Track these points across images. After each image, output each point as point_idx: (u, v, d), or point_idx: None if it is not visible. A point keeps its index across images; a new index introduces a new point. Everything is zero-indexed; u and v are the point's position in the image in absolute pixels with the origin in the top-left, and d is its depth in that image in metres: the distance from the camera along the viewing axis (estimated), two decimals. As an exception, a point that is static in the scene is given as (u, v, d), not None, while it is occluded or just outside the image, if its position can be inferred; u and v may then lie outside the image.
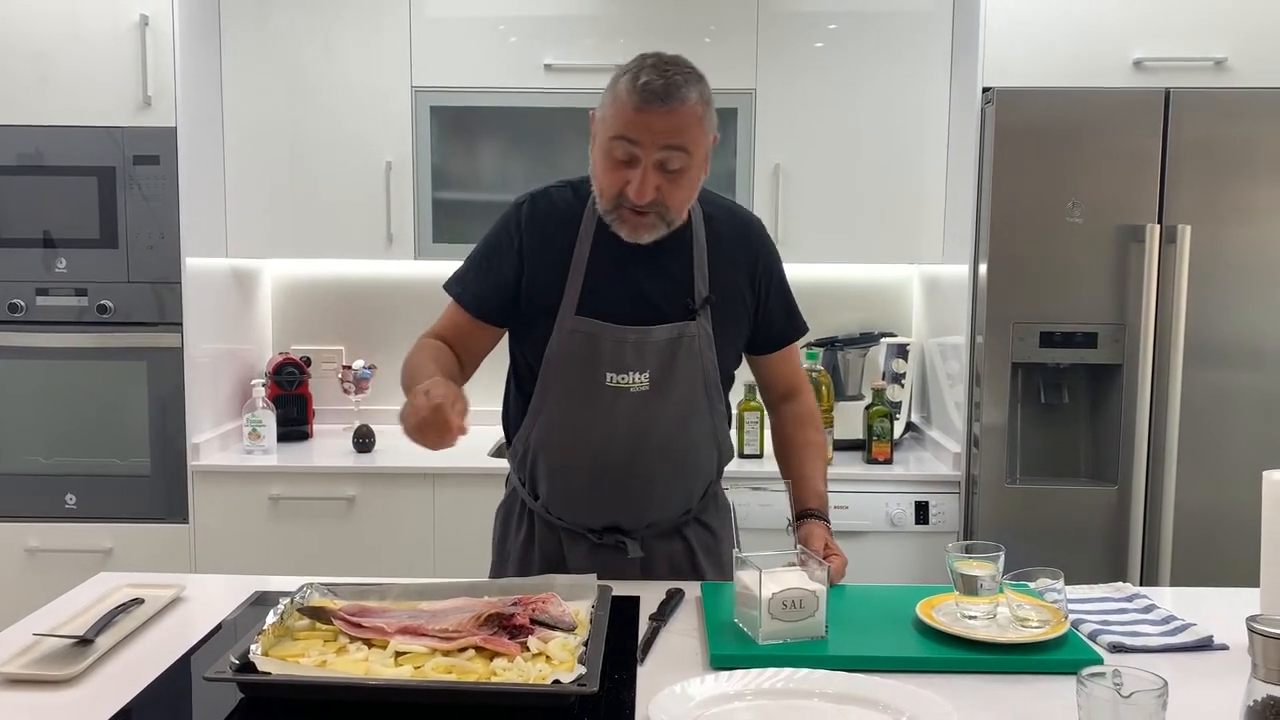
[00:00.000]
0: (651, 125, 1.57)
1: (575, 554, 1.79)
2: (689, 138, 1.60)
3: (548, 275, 1.72)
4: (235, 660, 1.26)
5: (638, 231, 1.65)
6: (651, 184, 1.60)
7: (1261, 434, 2.67)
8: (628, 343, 1.69)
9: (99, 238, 2.86)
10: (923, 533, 2.84)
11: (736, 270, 1.78)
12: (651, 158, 1.59)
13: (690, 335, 1.72)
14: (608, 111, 1.62)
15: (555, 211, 1.76)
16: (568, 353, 1.71)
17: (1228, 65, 2.72)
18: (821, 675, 1.28)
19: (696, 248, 1.74)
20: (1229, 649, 1.45)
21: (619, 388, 1.70)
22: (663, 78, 1.57)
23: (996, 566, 1.47)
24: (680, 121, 1.58)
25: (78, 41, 2.81)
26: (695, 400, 1.75)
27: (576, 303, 1.70)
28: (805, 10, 3.05)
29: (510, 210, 1.79)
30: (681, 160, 1.60)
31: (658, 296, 1.72)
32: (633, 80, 1.58)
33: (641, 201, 1.61)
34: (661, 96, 1.56)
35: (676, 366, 1.72)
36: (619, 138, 1.60)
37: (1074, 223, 2.66)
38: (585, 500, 1.77)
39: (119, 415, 2.90)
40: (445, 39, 3.07)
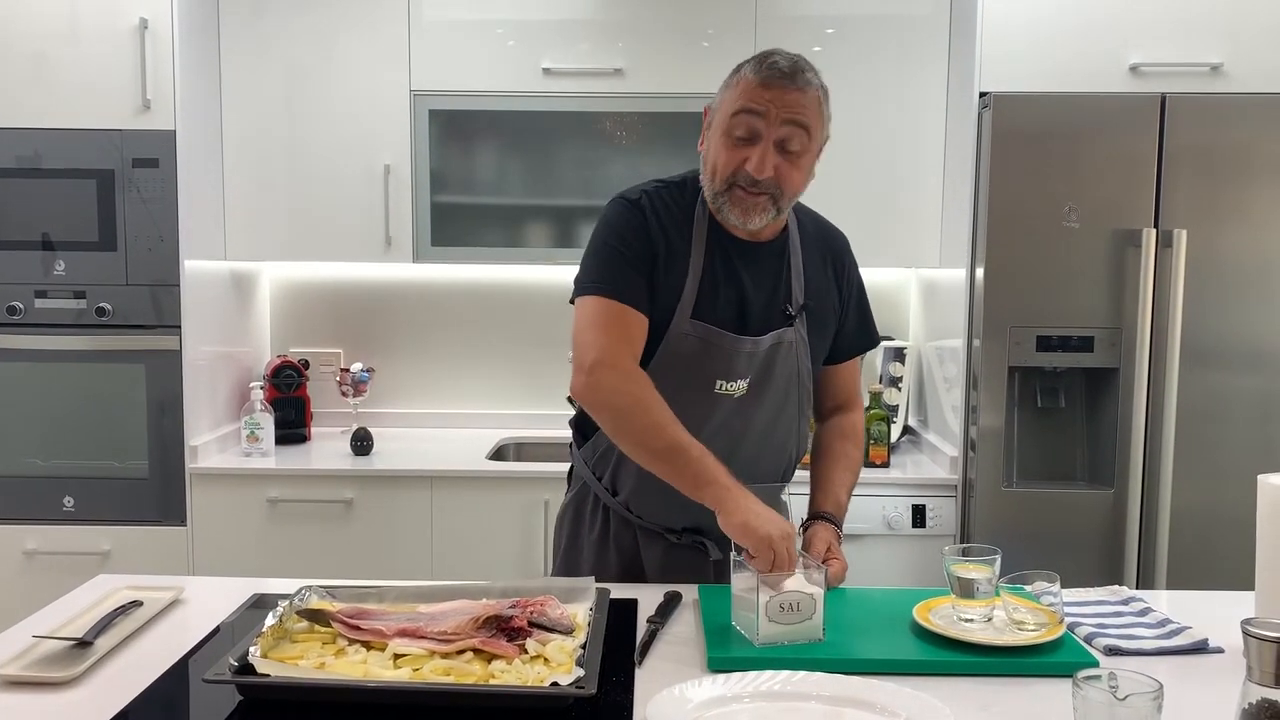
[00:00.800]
0: (776, 99, 1.60)
1: (651, 553, 1.78)
2: (811, 117, 1.63)
3: (672, 273, 1.70)
4: (234, 662, 1.26)
5: (749, 214, 1.66)
6: (771, 160, 1.62)
7: (1257, 437, 2.68)
8: (742, 352, 1.70)
9: (98, 240, 2.86)
10: (919, 536, 2.84)
11: (826, 278, 1.81)
12: (774, 133, 1.61)
13: (789, 341, 1.74)
14: (729, 95, 1.65)
15: (674, 209, 1.73)
16: (679, 356, 1.69)
17: (1223, 70, 2.73)
18: (819, 678, 1.29)
19: (793, 253, 1.77)
20: (1224, 652, 1.45)
21: (724, 394, 1.71)
22: (788, 59, 1.62)
23: (993, 570, 1.47)
24: (804, 99, 1.62)
25: (77, 44, 2.81)
26: (787, 404, 1.77)
27: (693, 306, 1.69)
28: (802, 14, 3.06)
29: (629, 208, 1.71)
30: (801, 141, 1.63)
31: (761, 302, 1.73)
32: (759, 62, 1.62)
33: (761, 176, 1.62)
34: (788, 75, 1.61)
35: (774, 372, 1.74)
36: (743, 111, 1.62)
37: (1070, 227, 2.67)
38: (670, 501, 1.70)
39: (117, 418, 2.90)
40: (444, 43, 3.08)
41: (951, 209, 3.01)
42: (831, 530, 1.74)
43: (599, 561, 1.81)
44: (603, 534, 1.82)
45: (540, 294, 3.42)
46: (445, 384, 3.49)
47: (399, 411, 3.47)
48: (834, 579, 1.63)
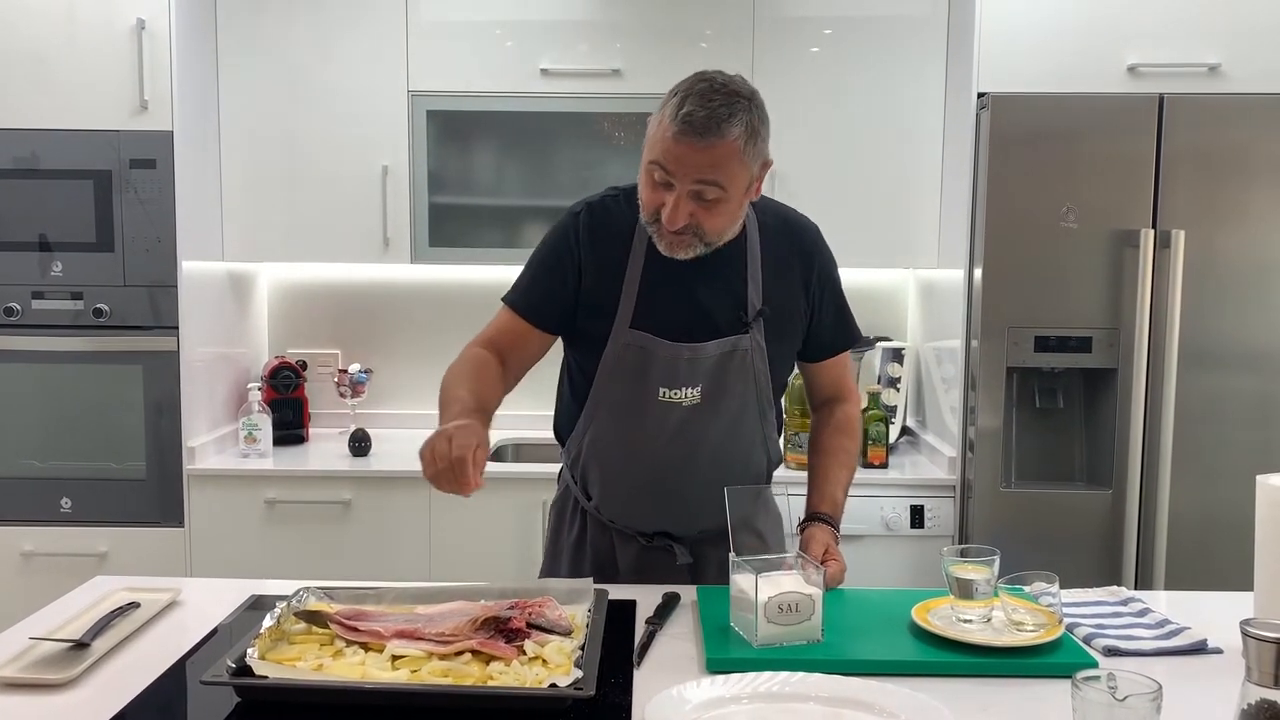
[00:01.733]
0: (685, 158, 1.55)
1: (626, 555, 1.81)
2: (724, 174, 1.57)
3: (604, 286, 1.72)
4: (232, 664, 1.26)
5: (674, 249, 1.64)
6: (684, 211, 1.58)
7: (1255, 438, 2.68)
8: (681, 359, 1.69)
9: (95, 241, 2.85)
10: (918, 536, 2.84)
11: (790, 279, 1.77)
12: (685, 188, 1.57)
13: (743, 349, 1.72)
14: (652, 131, 1.61)
15: (611, 222, 1.74)
16: (621, 366, 1.71)
17: (1221, 71, 2.73)
18: (817, 679, 1.29)
19: (750, 258, 1.73)
20: (1223, 653, 1.45)
21: (670, 402, 1.70)
22: (705, 108, 1.54)
23: (992, 570, 1.47)
24: (715, 157, 1.55)
25: (74, 45, 2.81)
26: (746, 412, 1.75)
27: (631, 316, 1.70)
28: (800, 15, 3.06)
29: (568, 219, 1.77)
30: (715, 193, 1.58)
31: (711, 309, 1.71)
32: (677, 107, 1.55)
33: (672, 228, 1.60)
34: (699, 130, 1.53)
35: (728, 380, 1.72)
36: (655, 163, 1.59)
37: (1069, 227, 2.67)
38: (635, 506, 1.78)
39: (115, 419, 2.90)
40: (441, 43, 3.08)
41: (949, 209, 3.01)
42: (828, 531, 1.74)
43: (575, 562, 1.84)
44: (580, 535, 1.85)
45: (538, 295, 3.41)
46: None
47: (397, 412, 3.47)
48: (832, 580, 1.63)
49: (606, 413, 1.75)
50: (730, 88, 1.58)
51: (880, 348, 3.25)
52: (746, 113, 1.58)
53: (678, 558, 1.78)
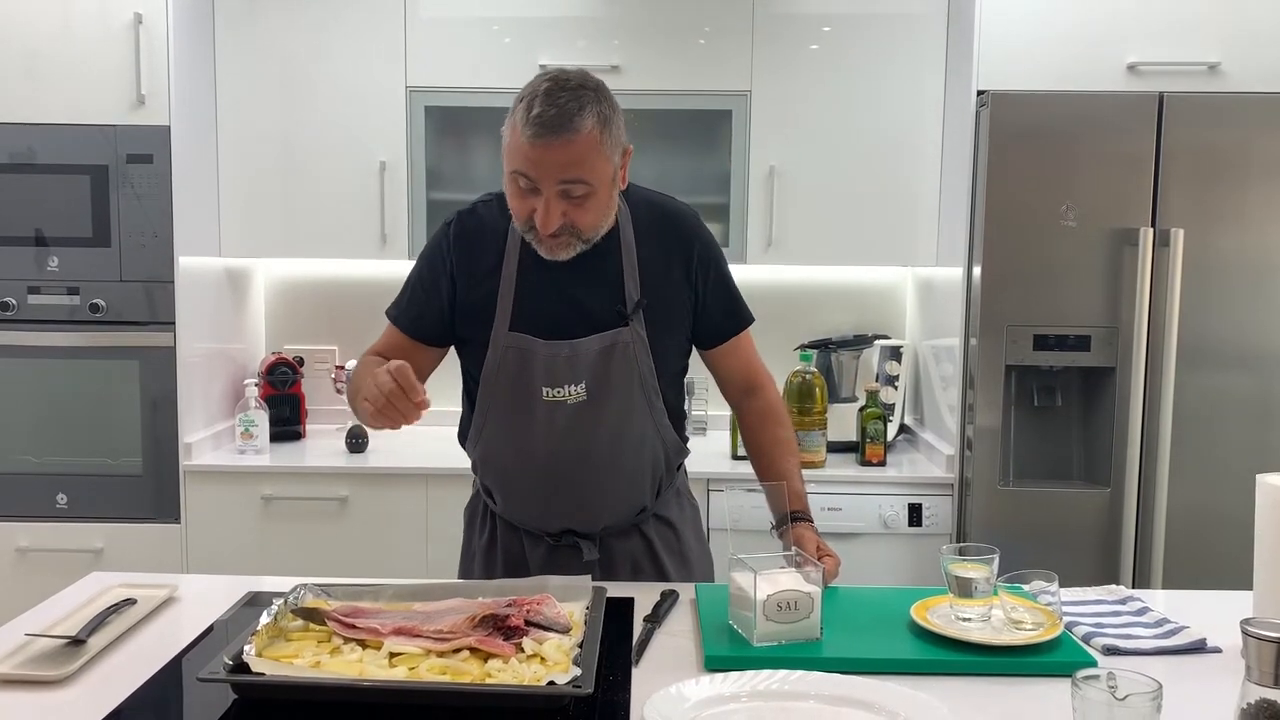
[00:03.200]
0: (545, 160, 1.55)
1: (535, 555, 1.81)
2: (586, 168, 1.57)
3: (479, 293, 1.72)
4: (229, 661, 1.25)
5: (555, 252, 1.64)
6: (556, 212, 1.58)
7: (1254, 437, 2.68)
8: (560, 357, 1.69)
9: (91, 236, 2.85)
10: (916, 535, 2.84)
11: (669, 267, 1.75)
12: (552, 190, 1.57)
13: (624, 342, 1.71)
14: (507, 141, 1.60)
15: (483, 228, 1.75)
16: (503, 369, 1.72)
17: (1221, 70, 2.73)
18: (816, 677, 1.28)
19: (625, 251, 1.72)
20: (1222, 652, 1.45)
21: (555, 401, 1.70)
22: (555, 106, 1.54)
23: (990, 569, 1.47)
24: (575, 153, 1.55)
25: (71, 40, 2.80)
26: (633, 404, 1.73)
27: (509, 319, 1.70)
28: (800, 12, 3.05)
29: (440, 230, 1.79)
30: (583, 189, 1.58)
31: (589, 305, 1.70)
32: (526, 110, 1.55)
33: (548, 232, 1.59)
34: (553, 128, 1.53)
35: (611, 374, 1.71)
36: (516, 172, 1.58)
37: (1068, 226, 2.67)
38: (535, 507, 1.78)
39: (111, 414, 2.89)
40: (440, 39, 3.07)
41: (949, 208, 3.00)
42: (812, 528, 1.72)
43: (487, 564, 1.85)
44: (491, 537, 1.86)
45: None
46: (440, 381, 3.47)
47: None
48: (830, 576, 1.63)
49: (495, 416, 1.75)
50: (575, 82, 1.59)
51: (879, 346, 3.24)
52: (595, 103, 1.58)
53: (584, 554, 1.77)
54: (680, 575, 1.83)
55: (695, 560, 1.89)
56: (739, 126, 3.07)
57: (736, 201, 3.09)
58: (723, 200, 3.09)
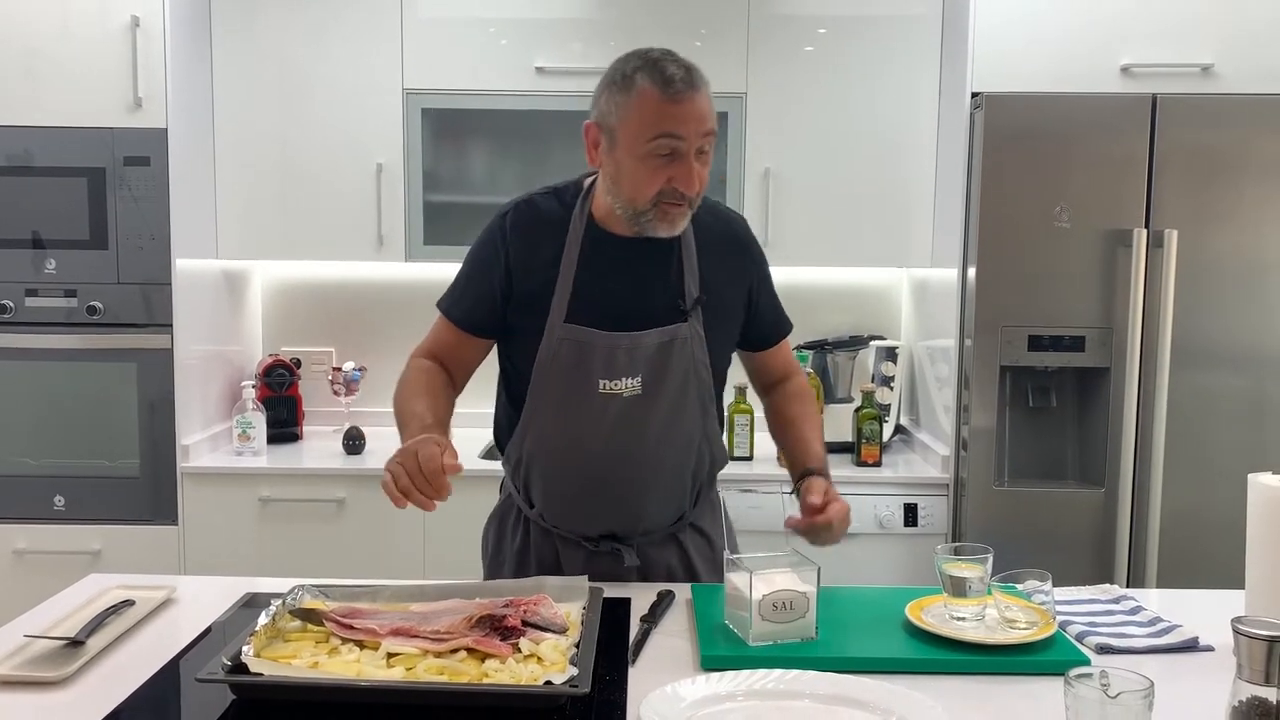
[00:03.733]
0: (689, 115, 1.57)
1: (571, 562, 1.78)
2: (715, 121, 1.62)
3: (535, 284, 1.71)
4: (227, 661, 1.26)
5: (676, 223, 1.65)
6: (696, 172, 1.60)
7: (1247, 437, 2.70)
8: (620, 349, 1.68)
9: (89, 239, 2.85)
10: (911, 535, 2.85)
11: (725, 269, 1.77)
12: (693, 148, 1.59)
13: (682, 337, 1.71)
14: (633, 114, 1.59)
15: (541, 219, 1.74)
16: (558, 361, 1.69)
17: (1214, 71, 2.74)
18: (812, 676, 1.29)
19: (685, 247, 1.73)
20: (1214, 650, 1.46)
21: (610, 394, 1.68)
22: (682, 66, 1.59)
23: (985, 568, 1.48)
24: (709, 106, 1.60)
25: (68, 42, 2.80)
26: (687, 402, 1.73)
27: (566, 310, 1.69)
28: (795, 14, 3.06)
29: (495, 221, 1.78)
30: (711, 143, 1.62)
31: (648, 299, 1.70)
32: (657, 73, 1.57)
33: (693, 192, 1.61)
34: (690, 83, 1.57)
35: (669, 369, 1.70)
36: (663, 135, 1.57)
37: (1062, 227, 2.68)
38: (580, 508, 1.76)
39: (108, 416, 2.89)
40: (437, 41, 3.07)
41: (943, 209, 3.01)
42: (823, 479, 1.73)
43: (520, 571, 1.83)
44: (524, 545, 1.83)
45: (533, 293, 3.41)
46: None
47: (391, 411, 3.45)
48: (840, 519, 1.64)
49: (546, 411, 1.72)
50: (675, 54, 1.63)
51: (874, 346, 3.25)
52: None
53: (625, 560, 1.75)
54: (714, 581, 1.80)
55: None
56: (734, 128, 3.08)
57: (732, 203, 3.09)
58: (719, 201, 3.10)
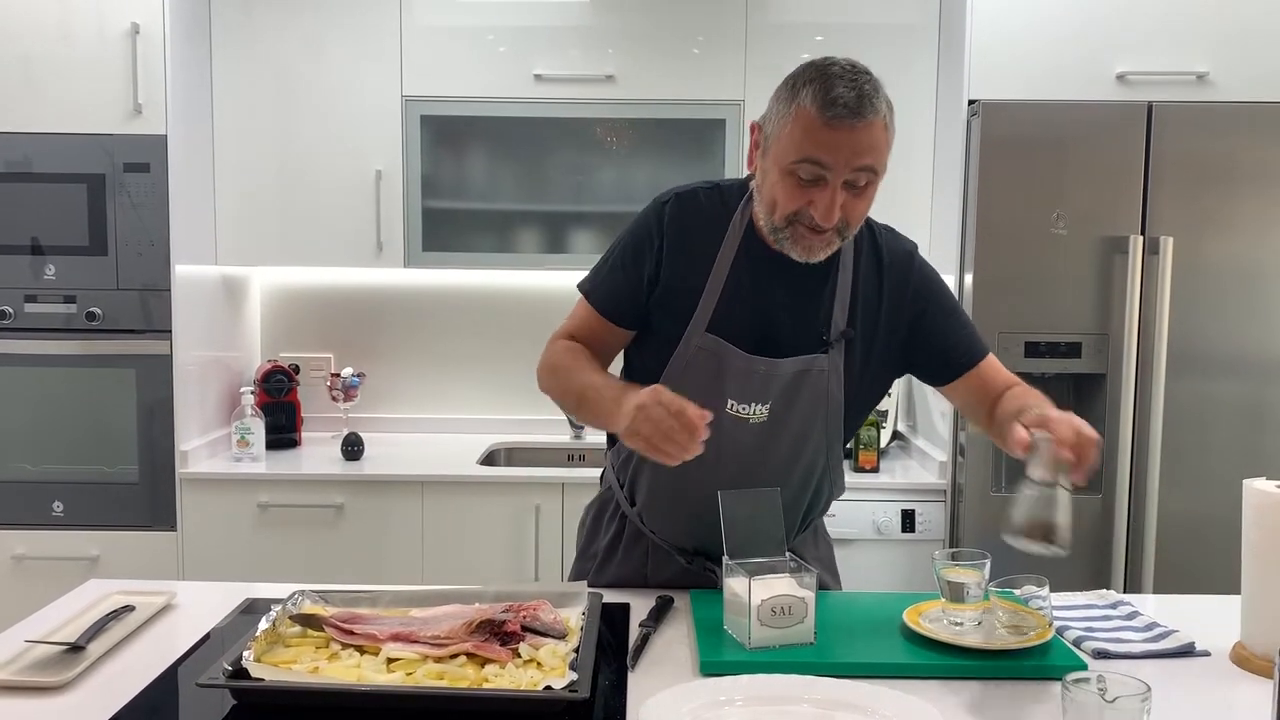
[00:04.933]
0: (842, 145, 1.44)
1: (659, 571, 1.73)
2: (878, 155, 1.48)
3: (685, 283, 1.61)
4: (228, 666, 1.26)
5: (813, 251, 1.54)
6: (838, 204, 1.48)
7: (1243, 443, 2.70)
8: (757, 372, 1.59)
9: (88, 245, 2.85)
10: (909, 540, 2.86)
11: (883, 301, 1.65)
12: (840, 179, 1.47)
13: (819, 369, 1.61)
14: (788, 128, 1.47)
15: (701, 216, 1.63)
16: (692, 370, 1.60)
17: (1209, 79, 2.75)
18: (810, 681, 1.30)
19: (841, 276, 1.63)
20: (1210, 655, 1.47)
21: (738, 417, 1.60)
22: (854, 89, 1.44)
23: (982, 574, 1.48)
24: (872, 138, 1.46)
25: (68, 49, 2.81)
26: (813, 435, 1.64)
27: (709, 319, 1.60)
28: (793, 22, 3.07)
29: (653, 207, 1.66)
30: (869, 178, 1.49)
31: (793, 323, 1.61)
32: (822, 92, 1.44)
33: (829, 224, 1.49)
34: (855, 111, 1.43)
35: (799, 400, 1.61)
36: (807, 159, 1.46)
37: (1058, 234, 2.69)
38: (681, 521, 1.69)
39: (107, 422, 2.90)
40: (436, 49, 3.08)
41: (940, 215, 3.03)
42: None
43: (606, 565, 1.77)
44: (613, 542, 1.77)
45: (531, 299, 3.42)
46: (436, 389, 3.49)
47: (390, 416, 3.47)
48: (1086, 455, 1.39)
49: None
50: (861, 66, 1.49)
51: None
52: (882, 89, 1.49)
53: (717, 580, 1.64)
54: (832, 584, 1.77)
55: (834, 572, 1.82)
56: (732, 135, 3.09)
57: (730, 210, 3.10)
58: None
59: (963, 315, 1.72)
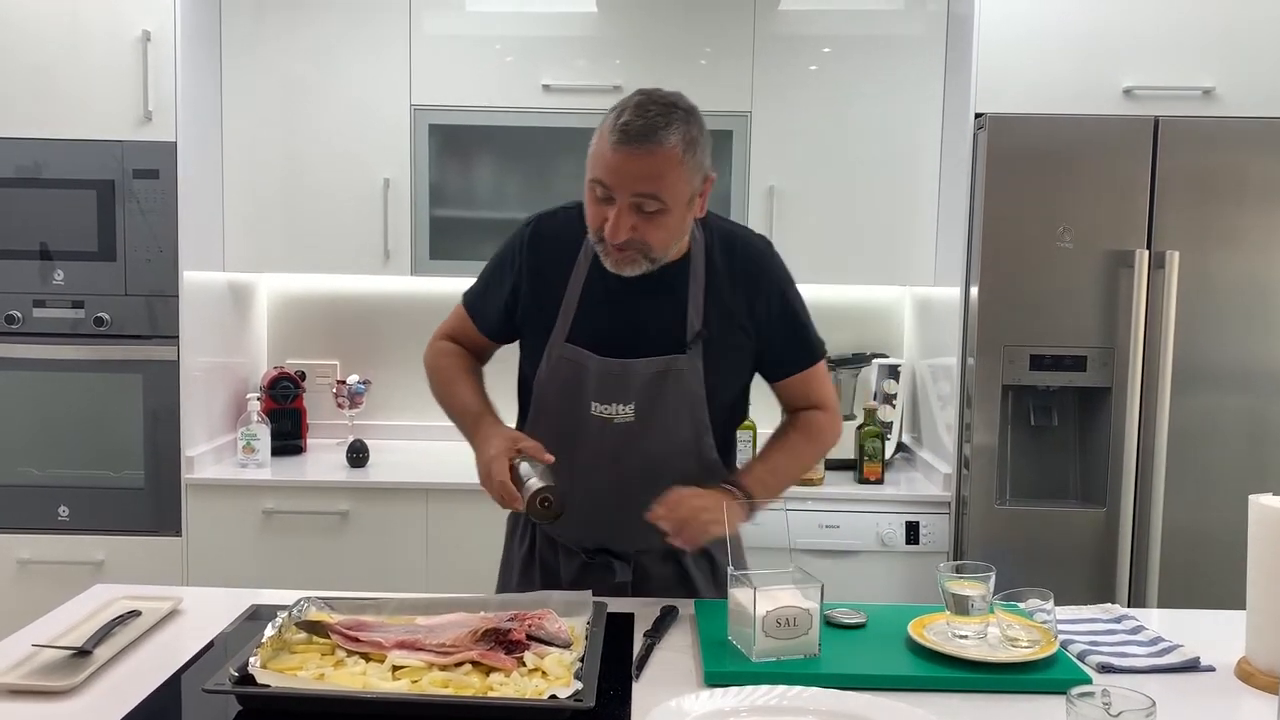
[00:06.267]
0: (623, 169, 1.56)
1: (569, 570, 1.81)
2: (663, 184, 1.56)
3: (544, 299, 1.74)
4: (234, 673, 1.27)
5: (620, 265, 1.64)
6: (626, 225, 1.58)
7: (1248, 458, 2.70)
8: (612, 374, 1.70)
9: (97, 251, 2.87)
10: (913, 553, 2.85)
11: (736, 300, 1.74)
12: (625, 201, 1.57)
13: (679, 368, 1.70)
14: (593, 148, 1.62)
15: (559, 234, 1.76)
16: (555, 379, 1.73)
17: (1215, 94, 2.76)
18: (814, 693, 1.30)
19: (694, 279, 1.72)
20: (1215, 670, 1.47)
21: (603, 418, 1.71)
22: (643, 118, 1.55)
23: (987, 587, 1.48)
24: (653, 167, 1.55)
25: (79, 56, 2.83)
26: (681, 432, 1.73)
27: (568, 330, 1.72)
28: (800, 34, 3.09)
29: (518, 229, 1.82)
30: (655, 205, 1.58)
31: (649, 328, 1.71)
32: (615, 118, 1.57)
33: (615, 241, 1.60)
34: (637, 139, 1.54)
35: (664, 399, 1.70)
36: (595, 180, 1.60)
37: (1064, 247, 2.69)
38: (573, 520, 1.73)
39: (113, 427, 2.90)
40: (444, 58, 3.10)
41: (946, 228, 3.03)
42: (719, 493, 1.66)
43: (525, 572, 1.85)
44: (530, 549, 1.86)
45: (537, 308, 3.42)
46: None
47: (395, 424, 3.47)
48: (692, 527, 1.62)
49: (544, 425, 1.75)
50: (668, 100, 1.60)
51: (877, 364, 3.26)
52: (684, 123, 1.59)
53: (617, 574, 1.77)
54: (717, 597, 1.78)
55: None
56: (739, 146, 3.10)
57: (735, 219, 3.10)
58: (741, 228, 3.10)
59: (802, 320, 1.81)
